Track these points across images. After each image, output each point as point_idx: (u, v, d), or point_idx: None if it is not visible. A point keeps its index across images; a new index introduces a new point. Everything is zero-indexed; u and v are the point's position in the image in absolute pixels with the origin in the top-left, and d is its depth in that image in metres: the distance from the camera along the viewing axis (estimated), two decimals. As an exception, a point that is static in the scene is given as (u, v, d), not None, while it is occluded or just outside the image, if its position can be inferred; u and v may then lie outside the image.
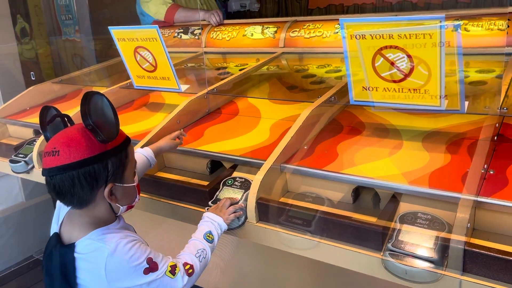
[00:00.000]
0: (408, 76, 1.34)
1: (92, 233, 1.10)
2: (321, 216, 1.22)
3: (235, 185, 1.43)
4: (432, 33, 1.25)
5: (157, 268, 1.09)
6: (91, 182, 1.07)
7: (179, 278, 1.13)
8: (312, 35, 2.44)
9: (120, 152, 1.12)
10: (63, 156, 1.04)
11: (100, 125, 1.07)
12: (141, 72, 2.03)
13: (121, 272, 1.07)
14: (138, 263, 1.07)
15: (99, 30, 4.02)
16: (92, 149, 1.06)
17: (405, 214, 1.19)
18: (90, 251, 1.08)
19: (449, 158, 1.31)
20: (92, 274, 1.08)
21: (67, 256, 1.08)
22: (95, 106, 1.08)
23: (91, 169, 1.06)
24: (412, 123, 1.57)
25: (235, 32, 2.74)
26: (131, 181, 1.17)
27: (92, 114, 1.07)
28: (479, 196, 1.13)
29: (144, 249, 1.10)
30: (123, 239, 1.08)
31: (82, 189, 1.06)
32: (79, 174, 1.05)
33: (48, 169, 1.06)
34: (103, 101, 1.08)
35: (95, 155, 1.06)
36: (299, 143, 1.52)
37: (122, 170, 1.13)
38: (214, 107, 2.01)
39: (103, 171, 1.08)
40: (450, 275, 1.05)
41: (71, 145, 1.05)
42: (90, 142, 1.06)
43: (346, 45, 1.40)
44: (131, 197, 1.18)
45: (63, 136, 1.07)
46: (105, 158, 1.08)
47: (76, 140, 1.06)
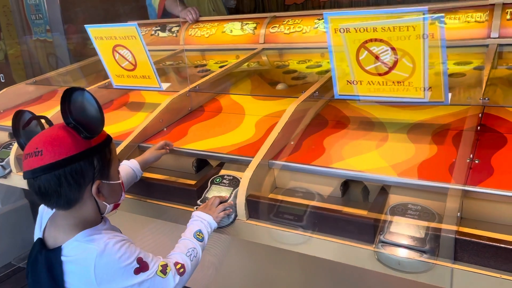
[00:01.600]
0: (393, 69, 1.35)
1: (79, 235, 1.07)
2: (311, 210, 1.22)
3: (223, 183, 1.42)
4: (415, 25, 1.26)
5: (147, 268, 1.07)
6: (78, 180, 1.04)
7: (171, 278, 1.11)
8: (292, 31, 2.43)
9: (104, 148, 1.10)
10: (47, 156, 1.00)
11: (82, 121, 1.04)
12: (120, 71, 1.99)
13: (111, 273, 1.04)
14: (128, 263, 1.05)
15: (72, 29, 3.93)
16: (77, 146, 1.03)
17: (395, 205, 1.20)
18: (78, 253, 1.05)
19: (435, 149, 1.33)
20: (80, 276, 1.05)
21: (54, 260, 1.05)
22: (75, 103, 1.04)
23: (78, 166, 1.03)
24: (396, 115, 1.58)
25: (213, 28, 2.71)
26: (116, 178, 1.15)
27: (73, 111, 1.04)
28: (466, 185, 1.15)
29: (133, 249, 1.08)
30: (111, 239, 1.06)
31: (69, 188, 1.03)
32: (65, 173, 1.01)
33: (31, 171, 1.02)
34: (85, 96, 1.04)
35: (80, 151, 1.03)
36: (286, 139, 1.51)
37: (108, 167, 1.11)
38: (196, 105, 1.99)
39: (89, 168, 1.05)
40: (442, 264, 1.06)
41: (54, 143, 1.02)
42: (74, 139, 1.03)
43: (330, 39, 1.40)
44: (117, 194, 1.17)
45: (45, 136, 1.04)
46: (91, 155, 1.05)
47: (60, 138, 1.02)
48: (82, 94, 1.05)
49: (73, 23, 3.98)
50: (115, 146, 1.17)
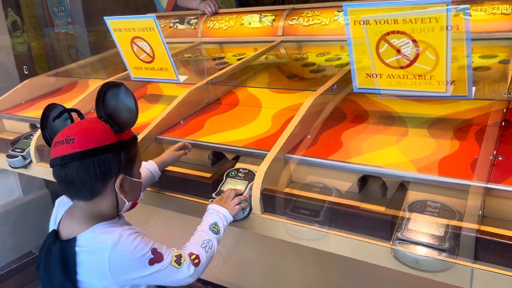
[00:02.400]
0: (414, 62, 1.31)
1: (94, 226, 1.08)
2: (329, 206, 1.20)
3: (238, 177, 1.41)
4: (438, 17, 1.22)
5: (162, 258, 1.08)
6: (104, 171, 1.07)
7: (185, 268, 1.11)
8: (311, 23, 2.40)
9: (131, 145, 1.14)
10: (78, 143, 1.04)
11: (114, 116, 1.08)
12: (139, 63, 1.99)
13: (126, 264, 1.05)
14: (143, 253, 1.05)
15: (93, 21, 3.96)
16: (107, 138, 1.07)
17: (414, 202, 1.17)
18: (93, 243, 1.06)
19: (456, 145, 1.29)
20: (94, 267, 1.06)
21: (68, 251, 1.06)
22: (110, 97, 1.09)
23: (106, 158, 1.06)
24: (417, 110, 1.54)
25: (232, 21, 2.69)
26: (138, 177, 1.19)
27: (106, 105, 1.08)
28: (489, 183, 1.11)
29: (148, 240, 1.09)
30: (126, 231, 1.07)
31: (95, 178, 1.06)
32: (94, 162, 1.05)
33: (61, 157, 1.04)
34: (120, 91, 1.09)
35: (110, 143, 1.07)
36: (303, 133, 1.49)
37: (133, 163, 1.14)
38: (213, 98, 1.98)
39: (116, 161, 1.08)
40: (462, 263, 1.03)
41: (87, 133, 1.05)
42: (105, 131, 1.07)
43: (349, 32, 1.37)
44: (137, 193, 1.19)
45: (78, 125, 1.08)
46: (119, 149, 1.09)
47: (92, 128, 1.06)
48: (118, 89, 1.10)
49: (94, 15, 4.02)
50: (139, 147, 1.21)
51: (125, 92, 1.10)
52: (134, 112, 1.11)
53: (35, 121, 2.15)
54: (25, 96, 2.47)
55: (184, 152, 1.55)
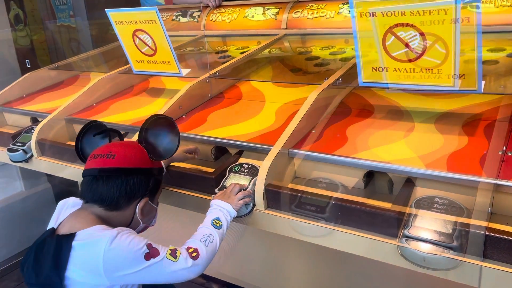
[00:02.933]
0: (422, 55, 1.28)
1: (95, 226, 1.11)
2: (334, 202, 1.18)
3: (242, 172, 1.39)
4: (447, 9, 1.19)
5: (158, 253, 1.09)
6: (133, 191, 1.15)
7: (182, 261, 1.10)
8: (316, 16, 2.36)
9: (160, 174, 1.26)
10: (118, 160, 1.13)
11: (153, 145, 1.20)
12: (141, 57, 1.97)
13: (121, 259, 1.05)
14: (138, 248, 1.07)
15: (95, 14, 3.93)
16: (144, 162, 1.18)
17: (421, 198, 1.14)
18: (90, 237, 1.07)
19: (465, 140, 1.27)
20: (87, 263, 1.06)
21: (64, 245, 1.07)
22: (154, 127, 1.22)
23: (138, 179, 1.16)
24: (423, 104, 1.51)
25: (235, 14, 2.66)
26: (156, 205, 1.29)
27: (151, 133, 1.20)
28: (498, 179, 1.08)
29: (142, 238, 1.11)
30: (124, 231, 1.10)
31: (123, 195, 1.14)
32: (127, 181, 1.14)
33: (99, 169, 1.13)
34: (166, 123, 1.23)
35: (146, 168, 1.18)
36: (308, 128, 1.46)
37: (157, 190, 1.24)
38: (216, 92, 1.95)
39: (145, 184, 1.18)
40: (470, 261, 1.01)
41: (127, 153, 1.16)
42: (143, 156, 1.18)
43: (355, 24, 1.34)
44: (151, 218, 1.28)
45: (121, 145, 1.19)
46: (151, 174, 1.20)
47: (133, 151, 1.18)
48: (167, 122, 1.23)
49: (96, 8, 3.99)
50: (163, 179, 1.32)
51: (172, 128, 1.22)
52: (174, 147, 1.23)
53: (36, 114, 2.13)
54: (26, 89, 2.45)
55: (193, 156, 1.54)
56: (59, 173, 1.86)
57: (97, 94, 2.07)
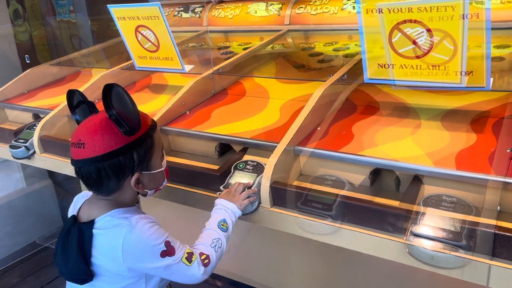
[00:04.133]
0: (430, 52, 1.27)
1: (113, 211, 1.11)
2: (341, 200, 1.17)
3: (247, 169, 1.38)
4: (454, 5, 1.18)
5: (174, 252, 1.08)
6: (117, 173, 1.09)
7: (195, 267, 1.10)
8: (319, 12, 2.34)
9: (145, 141, 1.12)
10: (88, 149, 1.05)
11: (124, 116, 1.07)
12: (143, 53, 1.95)
13: (138, 251, 1.05)
14: (156, 243, 1.06)
15: (96, 10, 3.91)
16: (116, 141, 1.06)
17: (429, 197, 1.14)
18: (110, 226, 1.08)
19: (473, 138, 1.26)
20: (108, 250, 1.07)
21: (86, 232, 1.09)
22: (117, 97, 1.07)
23: (117, 161, 1.07)
24: (430, 101, 1.50)
25: (237, 9, 2.64)
26: (158, 167, 1.18)
27: (115, 105, 1.07)
28: (507, 177, 1.07)
29: (163, 232, 1.09)
30: (143, 219, 1.09)
31: (109, 180, 1.09)
32: (105, 167, 1.06)
33: (75, 161, 1.08)
34: (124, 92, 1.09)
35: (119, 147, 1.07)
36: (313, 124, 1.45)
37: (148, 158, 1.14)
38: (219, 88, 1.94)
39: (128, 162, 1.09)
40: (479, 260, 1.00)
41: (95, 137, 1.06)
42: (113, 134, 1.06)
43: (361, 20, 1.32)
44: (159, 181, 1.21)
45: (87, 127, 1.08)
46: (129, 150, 1.09)
47: (100, 132, 1.06)
48: (122, 90, 1.09)
49: (96, 3, 3.96)
50: (159, 133, 1.20)
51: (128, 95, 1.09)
52: (138, 115, 1.10)
53: (38, 111, 2.12)
54: (28, 85, 2.43)
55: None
56: (61, 170, 1.85)
57: (99, 91, 2.04)
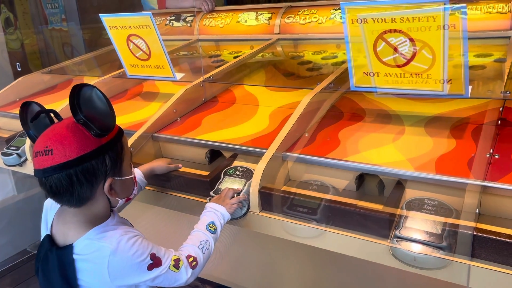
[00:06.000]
0: (411, 61, 1.31)
1: (90, 232, 1.05)
2: (326, 204, 1.21)
3: (236, 175, 1.41)
4: (435, 16, 1.22)
5: (160, 263, 1.07)
6: (90, 179, 1.02)
7: (183, 271, 1.11)
8: (308, 21, 2.40)
9: (116, 144, 1.08)
10: (57, 155, 0.98)
11: (93, 118, 1.02)
12: (135, 61, 1.98)
13: (125, 270, 1.04)
14: (141, 259, 1.04)
15: (87, 18, 3.93)
16: (87, 144, 1.01)
17: (411, 200, 1.17)
18: (91, 251, 1.03)
19: (453, 143, 1.30)
20: (94, 274, 1.04)
21: (66, 259, 1.04)
22: (85, 99, 1.02)
23: (89, 165, 1.01)
24: (413, 108, 1.55)
25: (228, 18, 2.69)
26: (128, 173, 1.14)
27: (83, 108, 1.01)
28: (485, 181, 1.12)
29: (146, 245, 1.07)
30: (124, 236, 1.04)
31: (81, 187, 1.01)
32: (77, 172, 0.99)
33: (42, 170, 0.99)
34: (94, 92, 1.02)
35: (91, 150, 1.01)
36: (300, 131, 1.49)
37: (120, 163, 1.09)
38: (210, 96, 1.98)
39: (101, 166, 1.03)
40: (459, 260, 1.04)
41: (64, 142, 0.99)
42: (84, 137, 1.01)
43: (346, 30, 1.37)
44: (129, 189, 1.16)
45: (54, 133, 1.01)
46: (102, 153, 1.03)
47: (70, 136, 1.00)
48: (91, 91, 1.02)
49: (88, 12, 3.99)
50: (126, 139, 1.15)
51: (99, 94, 1.03)
52: (111, 114, 1.04)
53: (30, 118, 2.13)
54: (20, 93, 2.45)
55: (176, 166, 1.52)
56: (53, 177, 1.86)
57: (91, 98, 2.07)
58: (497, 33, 1.87)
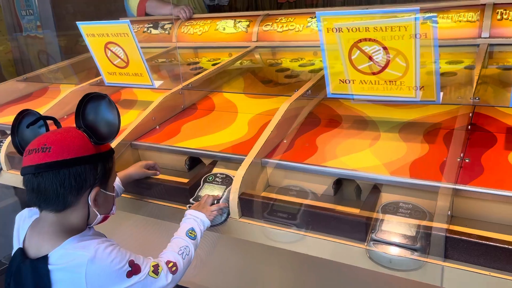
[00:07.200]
0: (385, 68, 1.35)
1: (66, 242, 1.04)
2: (305, 209, 1.23)
3: (216, 182, 1.42)
4: (407, 25, 1.27)
5: (139, 270, 1.07)
6: (79, 183, 1.05)
7: (163, 277, 1.11)
8: (285, 29, 2.44)
9: (109, 157, 1.13)
10: (55, 153, 1.01)
11: (94, 127, 1.07)
12: (112, 69, 1.98)
13: (103, 278, 1.03)
14: (120, 266, 1.03)
15: (63, 25, 3.89)
16: (85, 149, 1.05)
17: (387, 204, 1.21)
18: (68, 261, 1.02)
19: (426, 148, 1.35)
20: (70, 284, 1.02)
21: (41, 270, 1.02)
22: (90, 108, 1.08)
23: (82, 169, 1.05)
24: (388, 114, 1.59)
25: (206, 26, 2.70)
26: (112, 191, 1.18)
27: (86, 116, 1.08)
28: (457, 184, 1.16)
29: (124, 252, 1.07)
30: (101, 244, 1.04)
31: (69, 189, 1.04)
32: (69, 173, 1.03)
33: (35, 166, 1.01)
34: (103, 102, 1.09)
35: (88, 155, 1.05)
36: (279, 137, 1.51)
37: (108, 176, 1.13)
38: (189, 103, 1.98)
39: (93, 173, 1.07)
40: (433, 262, 1.07)
41: (64, 142, 1.03)
42: (83, 142, 1.06)
43: (322, 39, 1.40)
44: (109, 206, 1.18)
45: (55, 134, 1.06)
46: (97, 160, 1.08)
47: (70, 138, 1.04)
48: (101, 101, 1.09)
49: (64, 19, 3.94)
50: (115, 160, 1.19)
51: (108, 105, 1.10)
52: (115, 125, 1.10)
53: (5, 127, 2.10)
54: (-6, 102, 2.40)
55: (155, 172, 1.53)
56: (29, 186, 1.83)
57: (68, 106, 2.06)
58: (466, 41, 1.94)
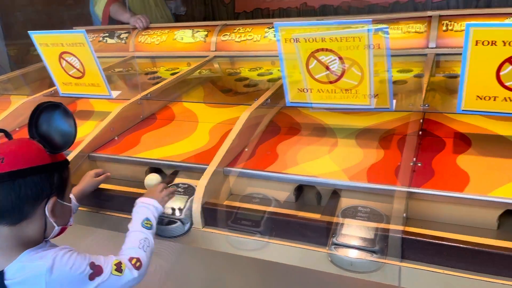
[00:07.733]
0: (342, 77, 1.41)
1: (22, 255, 1.01)
2: (268, 216, 1.25)
3: (178, 192, 1.41)
4: (361, 36, 1.33)
5: (102, 270, 1.05)
6: (35, 193, 1.03)
7: (128, 274, 1.09)
8: (243, 39, 2.47)
9: (64, 168, 1.11)
10: (8, 164, 0.99)
11: (48, 136, 1.06)
12: (68, 79, 1.93)
13: (66, 285, 1.00)
14: (81, 271, 1.02)
15: (13, 34, 3.75)
16: (40, 158, 1.04)
17: (346, 208, 1.25)
18: (25, 273, 0.99)
19: (381, 153, 1.40)
20: None
21: None
22: (44, 117, 1.07)
23: (38, 179, 1.03)
24: (345, 121, 1.65)
25: (164, 36, 2.69)
26: (69, 201, 1.16)
27: (39, 126, 1.06)
28: (410, 187, 1.22)
29: (83, 256, 1.05)
30: (58, 252, 1.02)
31: (25, 200, 1.01)
32: (25, 183, 1.01)
33: None
34: (57, 111, 1.08)
35: (43, 164, 1.04)
36: (241, 146, 1.53)
37: (65, 187, 1.11)
38: (148, 113, 1.96)
39: (49, 183, 1.05)
40: (391, 262, 1.12)
41: (19, 152, 1.02)
42: (38, 152, 1.05)
43: (280, 49, 1.44)
44: (67, 218, 1.15)
45: (9, 145, 1.04)
46: (52, 170, 1.06)
47: (24, 148, 1.03)
48: (55, 109, 1.08)
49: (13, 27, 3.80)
50: (71, 171, 1.17)
51: (63, 113, 1.08)
52: (71, 134, 1.09)
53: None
54: None
55: (106, 176, 1.50)
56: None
57: (20, 118, 1.99)
58: (415, 50, 2.05)
